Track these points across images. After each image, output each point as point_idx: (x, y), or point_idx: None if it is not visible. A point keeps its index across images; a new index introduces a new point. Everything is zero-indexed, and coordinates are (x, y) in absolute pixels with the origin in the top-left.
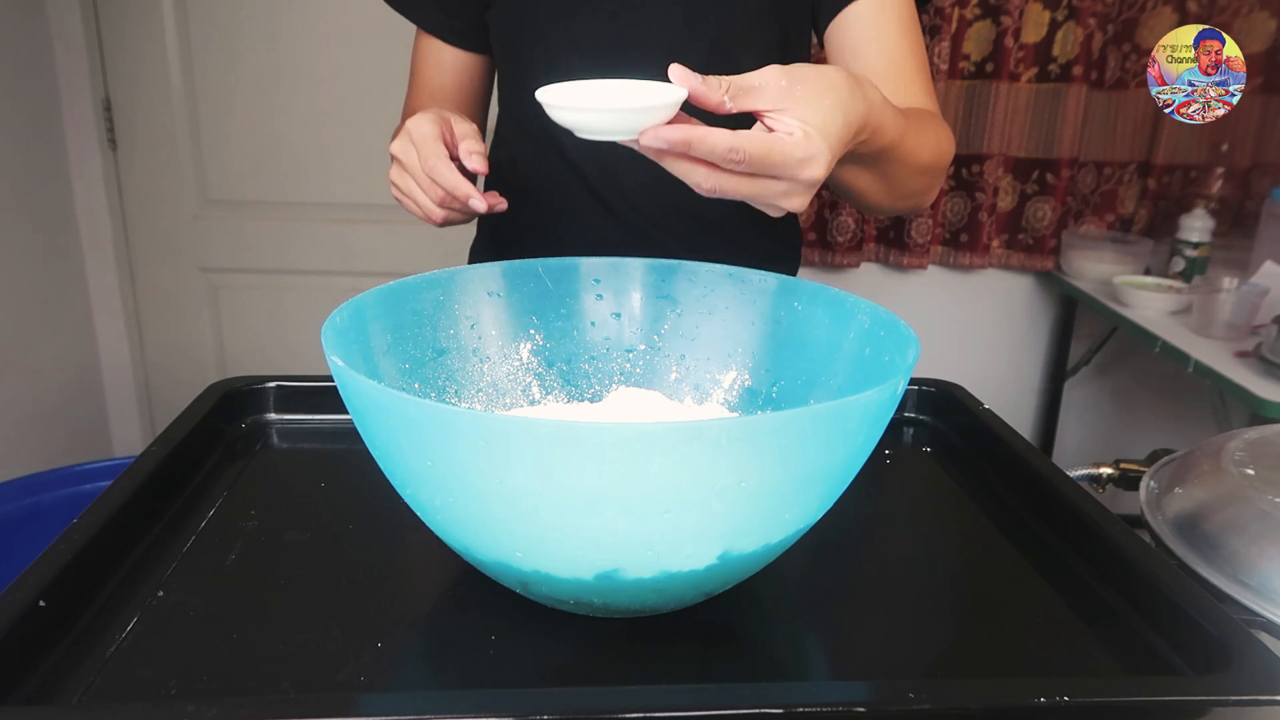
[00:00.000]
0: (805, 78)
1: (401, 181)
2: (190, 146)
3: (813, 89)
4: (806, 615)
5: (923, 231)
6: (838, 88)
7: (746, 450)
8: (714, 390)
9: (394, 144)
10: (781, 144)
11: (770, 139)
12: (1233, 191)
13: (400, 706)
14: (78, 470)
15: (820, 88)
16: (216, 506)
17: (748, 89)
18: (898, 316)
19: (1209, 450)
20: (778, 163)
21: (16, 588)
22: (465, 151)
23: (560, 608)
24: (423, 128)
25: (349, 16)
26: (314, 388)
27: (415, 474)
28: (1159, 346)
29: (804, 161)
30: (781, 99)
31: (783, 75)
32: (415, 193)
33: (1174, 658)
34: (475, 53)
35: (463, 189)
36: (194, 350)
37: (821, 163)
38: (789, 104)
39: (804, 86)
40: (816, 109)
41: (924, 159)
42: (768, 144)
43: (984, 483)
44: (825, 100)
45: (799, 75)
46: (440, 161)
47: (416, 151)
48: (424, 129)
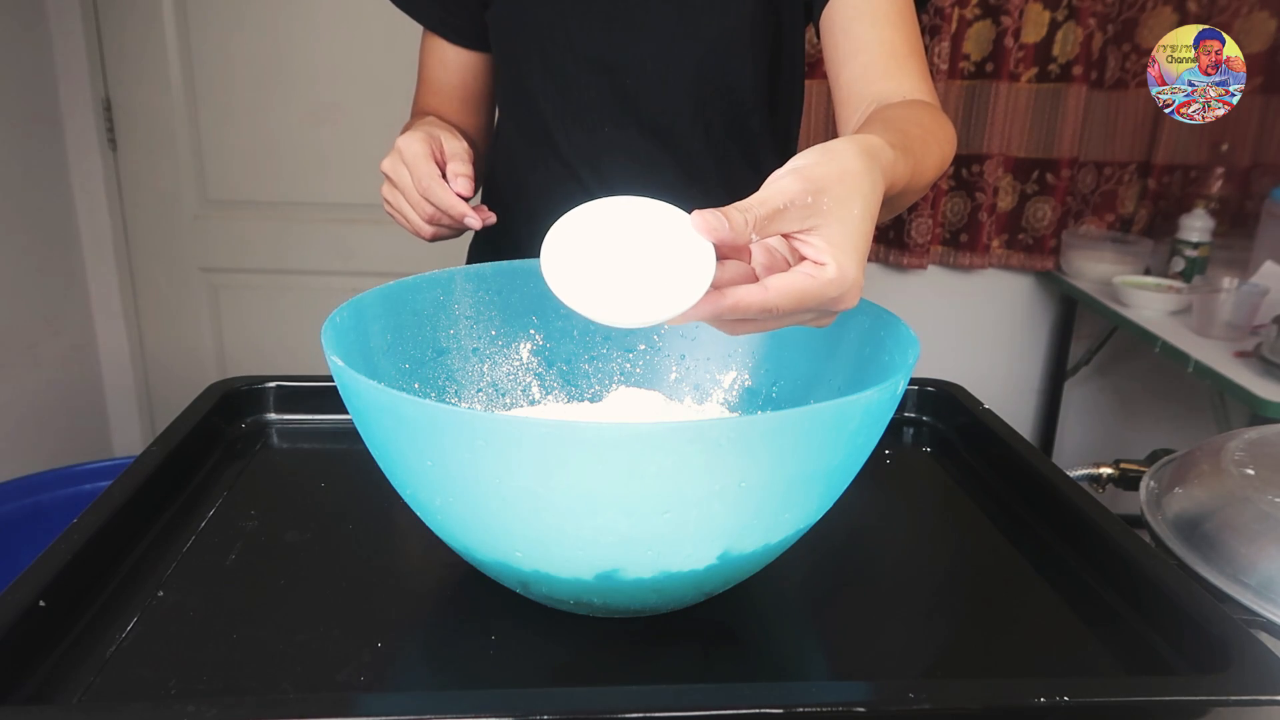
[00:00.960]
0: (828, 185)
1: (393, 198)
2: (190, 146)
3: (837, 198)
4: (806, 615)
5: (923, 231)
6: (860, 186)
7: (746, 450)
8: (714, 390)
9: (385, 162)
10: (814, 287)
11: (802, 287)
12: (1233, 191)
13: (400, 706)
14: (78, 470)
15: (845, 194)
16: (216, 506)
17: (772, 215)
18: (898, 316)
19: (1209, 450)
20: (812, 306)
21: (16, 588)
22: (452, 174)
23: (560, 608)
24: (413, 147)
25: (349, 16)
26: (314, 388)
27: (415, 474)
28: (1159, 346)
29: (838, 299)
30: (809, 217)
31: (806, 190)
32: (406, 210)
33: (1174, 658)
34: (477, 51)
35: (457, 209)
36: (194, 350)
37: (855, 293)
38: (817, 221)
39: (829, 197)
40: (845, 224)
41: (929, 177)
42: (799, 293)
43: (984, 483)
44: (853, 209)
45: (821, 183)
46: (435, 183)
47: (409, 171)
48: (414, 149)
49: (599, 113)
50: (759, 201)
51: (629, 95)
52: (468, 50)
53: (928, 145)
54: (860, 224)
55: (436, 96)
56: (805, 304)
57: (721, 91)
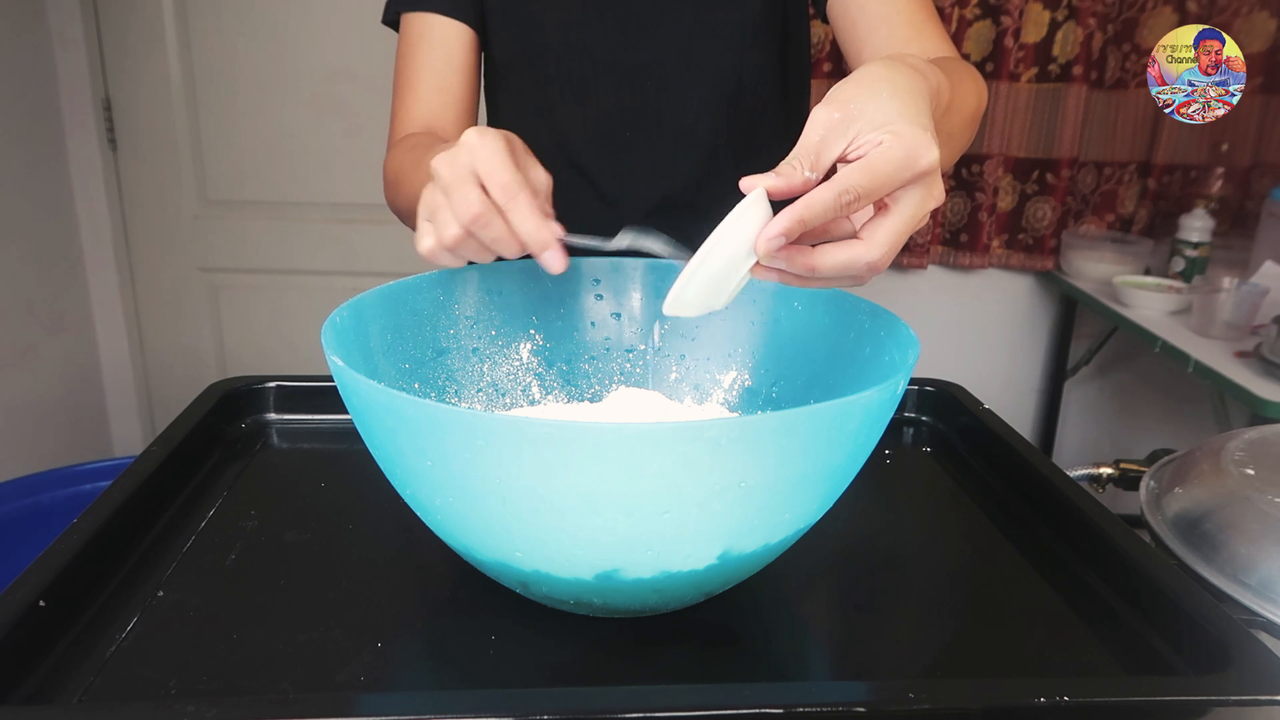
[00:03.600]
0: (849, 95)
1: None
2: (190, 146)
3: (862, 97)
4: (806, 615)
5: (923, 231)
6: (881, 76)
7: (746, 450)
8: (714, 390)
9: (440, 158)
10: (878, 156)
11: (865, 160)
12: (1233, 191)
13: (400, 706)
14: (78, 470)
15: (869, 89)
16: (216, 506)
17: (814, 147)
18: (898, 316)
19: (1209, 450)
20: (890, 173)
21: (16, 588)
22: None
23: (560, 608)
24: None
25: (349, 17)
26: (314, 388)
27: (415, 474)
28: (1159, 346)
29: (910, 156)
30: (847, 128)
31: (832, 109)
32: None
33: (1174, 658)
34: (468, 25)
35: (544, 237)
36: (194, 350)
37: (924, 143)
38: (855, 123)
39: (855, 102)
40: (879, 106)
41: (970, 103)
42: (867, 164)
43: (984, 483)
44: (881, 92)
45: (842, 95)
46: (522, 199)
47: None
48: (494, 145)
49: (618, 118)
50: (799, 144)
51: (648, 97)
52: (461, 25)
53: (959, 72)
54: (894, 98)
55: (434, 77)
56: (879, 174)
57: (738, 86)
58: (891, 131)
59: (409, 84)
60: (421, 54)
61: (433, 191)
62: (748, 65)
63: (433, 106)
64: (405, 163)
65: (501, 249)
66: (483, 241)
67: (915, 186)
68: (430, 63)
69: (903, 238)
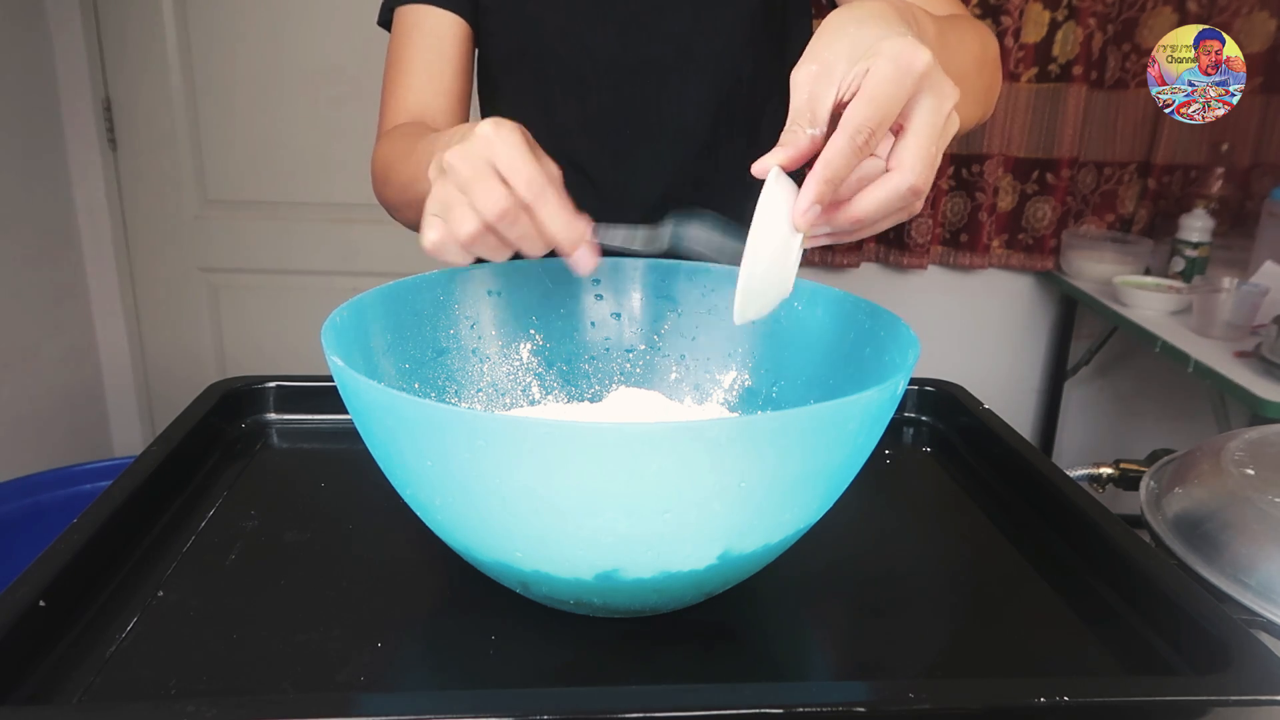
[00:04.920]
0: (816, 48)
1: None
2: (190, 146)
3: (826, 39)
4: (806, 615)
5: (923, 231)
6: (839, 18)
7: (746, 450)
8: (714, 390)
9: (453, 152)
10: (871, 81)
11: (861, 91)
12: (1233, 191)
13: (400, 706)
14: (78, 470)
15: (831, 32)
16: (216, 506)
17: (808, 106)
18: (898, 316)
19: (1209, 450)
20: (890, 91)
21: (16, 588)
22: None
23: (560, 608)
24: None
25: (349, 17)
26: (314, 388)
27: (415, 474)
28: (1159, 346)
29: (901, 65)
30: (829, 73)
31: (807, 66)
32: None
33: (1174, 658)
34: (462, 18)
35: (575, 235)
36: (194, 350)
37: (909, 46)
38: (835, 67)
39: (826, 49)
40: (851, 41)
41: (970, 49)
42: (864, 95)
43: (984, 483)
44: (847, 29)
45: (811, 52)
46: (550, 194)
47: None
48: (513, 140)
49: (617, 116)
50: (790, 110)
51: (648, 95)
52: (453, 16)
53: (957, 21)
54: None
55: (433, 84)
56: (880, 95)
57: (738, 84)
58: (873, 53)
59: (400, 74)
60: (413, 44)
61: (445, 186)
62: (748, 63)
63: (423, 97)
64: (395, 153)
65: (526, 246)
66: (507, 239)
67: (923, 95)
68: (422, 53)
69: (933, 150)
